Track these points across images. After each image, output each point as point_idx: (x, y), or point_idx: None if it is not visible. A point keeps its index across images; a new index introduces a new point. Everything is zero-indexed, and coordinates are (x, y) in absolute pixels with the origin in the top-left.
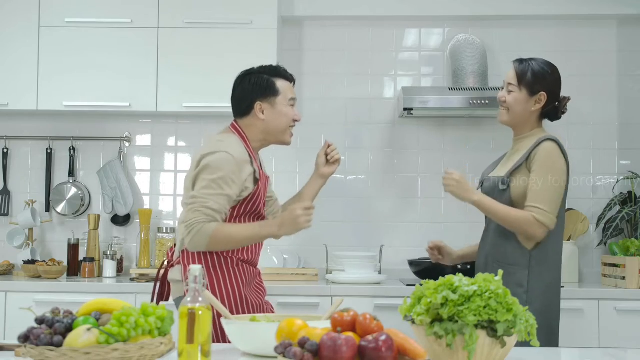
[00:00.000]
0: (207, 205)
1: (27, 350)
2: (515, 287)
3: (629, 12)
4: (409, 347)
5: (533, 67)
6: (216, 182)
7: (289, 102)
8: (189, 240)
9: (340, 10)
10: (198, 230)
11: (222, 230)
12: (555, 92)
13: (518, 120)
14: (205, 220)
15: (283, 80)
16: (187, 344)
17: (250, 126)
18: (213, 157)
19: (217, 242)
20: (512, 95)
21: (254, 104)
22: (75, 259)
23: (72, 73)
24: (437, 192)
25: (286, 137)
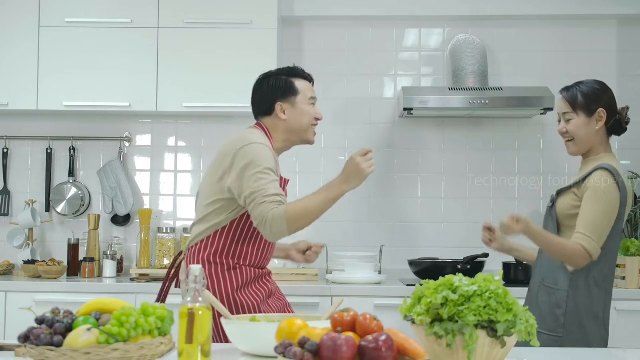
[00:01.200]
0: (268, 194)
1: (27, 350)
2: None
3: (629, 12)
4: (409, 347)
5: (581, 89)
6: (264, 172)
7: (309, 101)
8: (268, 233)
9: (340, 10)
10: (272, 219)
11: (293, 209)
12: (610, 104)
13: (586, 145)
14: (273, 206)
15: (302, 80)
16: (186, 344)
17: (273, 127)
18: (252, 149)
19: (294, 220)
20: (571, 123)
21: (274, 104)
22: (75, 259)
23: (72, 73)
24: (437, 192)
25: (309, 136)
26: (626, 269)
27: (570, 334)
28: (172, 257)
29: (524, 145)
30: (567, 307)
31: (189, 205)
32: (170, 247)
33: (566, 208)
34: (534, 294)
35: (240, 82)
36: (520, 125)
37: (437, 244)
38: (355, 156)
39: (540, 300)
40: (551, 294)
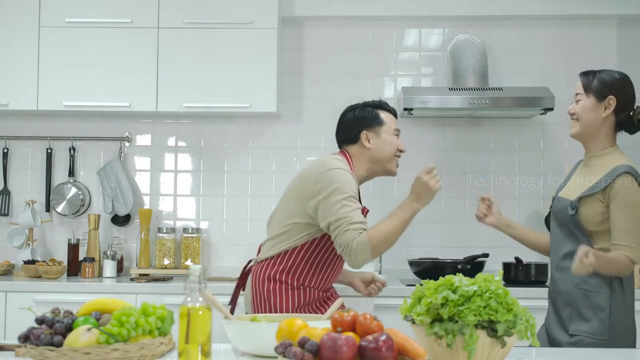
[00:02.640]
0: (353, 221)
1: (27, 350)
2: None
3: (629, 12)
4: (409, 347)
5: (599, 75)
6: (348, 200)
7: (393, 132)
8: (353, 260)
9: (340, 10)
10: (356, 247)
11: (375, 234)
12: (625, 96)
13: (589, 130)
14: (357, 234)
15: (386, 112)
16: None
17: (357, 155)
18: (337, 175)
19: (377, 246)
20: (580, 104)
21: (360, 133)
22: (75, 259)
23: (72, 73)
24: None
25: (392, 166)
26: None
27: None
28: (172, 257)
29: (524, 146)
30: (611, 309)
31: (189, 205)
32: (170, 247)
33: (593, 215)
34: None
35: (240, 82)
36: (520, 125)
37: (437, 244)
38: (421, 175)
39: (579, 305)
40: (591, 297)
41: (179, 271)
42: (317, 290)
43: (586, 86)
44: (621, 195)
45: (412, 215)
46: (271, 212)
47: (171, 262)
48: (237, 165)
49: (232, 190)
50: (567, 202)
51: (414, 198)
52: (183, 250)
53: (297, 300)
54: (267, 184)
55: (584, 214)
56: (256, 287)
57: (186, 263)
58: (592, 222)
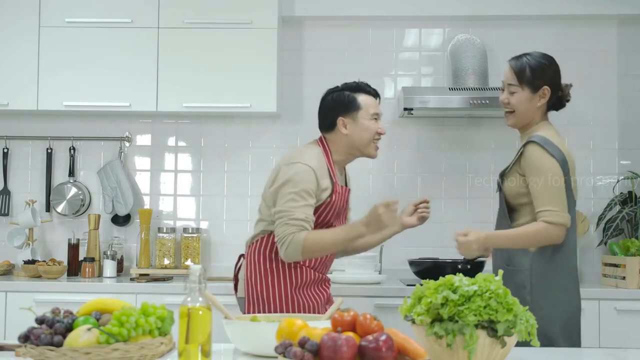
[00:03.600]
0: (295, 217)
1: (28, 350)
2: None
3: (629, 12)
4: (409, 347)
5: (530, 62)
6: (299, 194)
7: (371, 116)
8: (283, 253)
9: (340, 10)
10: (290, 242)
11: (312, 238)
12: (557, 83)
13: (525, 120)
14: (295, 230)
15: (365, 95)
16: (185, 343)
17: (334, 141)
18: (293, 169)
19: (309, 249)
20: (515, 96)
21: (336, 119)
22: (75, 259)
23: (72, 73)
24: (437, 192)
25: (371, 150)
26: (626, 269)
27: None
28: (172, 257)
29: None
30: (532, 287)
31: (189, 205)
32: (170, 247)
33: (515, 187)
34: None
35: (240, 82)
36: None
37: (437, 244)
38: (379, 206)
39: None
40: (515, 276)
41: (179, 271)
42: (313, 271)
43: (519, 76)
44: (529, 166)
45: (356, 237)
46: None
47: (171, 262)
48: (237, 165)
49: (232, 190)
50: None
51: (364, 222)
52: (183, 250)
53: (295, 279)
54: None
55: (506, 189)
56: (252, 267)
57: (186, 263)
58: (513, 195)
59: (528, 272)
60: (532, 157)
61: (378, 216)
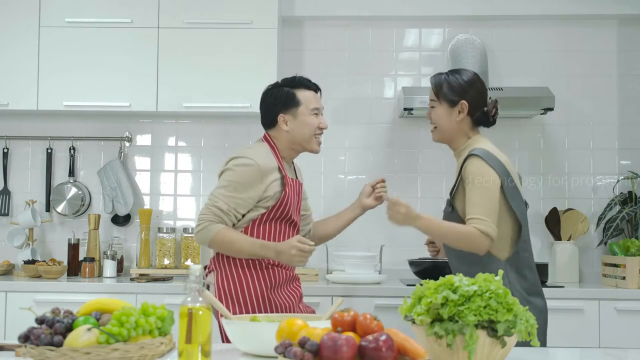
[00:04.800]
0: (217, 205)
1: (28, 350)
2: None
3: (629, 12)
4: (409, 347)
5: (448, 79)
6: (232, 185)
7: (311, 112)
8: (196, 233)
9: (340, 10)
10: (204, 227)
11: (224, 235)
12: (476, 98)
13: (448, 135)
14: (213, 220)
15: (305, 90)
16: (185, 344)
17: (277, 137)
18: (237, 161)
19: (216, 244)
20: (434, 111)
21: (277, 116)
22: (75, 259)
23: (73, 73)
24: (437, 192)
25: (313, 146)
26: (626, 269)
27: None
28: (172, 257)
29: (524, 145)
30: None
31: (189, 205)
32: (170, 247)
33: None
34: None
35: (240, 82)
36: (520, 125)
37: None
38: (295, 244)
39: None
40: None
41: (179, 271)
42: (284, 270)
43: (436, 92)
44: (469, 173)
45: (263, 256)
46: None
47: (171, 262)
48: None
49: None
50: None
51: (276, 250)
52: (183, 250)
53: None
54: None
55: (459, 207)
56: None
57: (186, 263)
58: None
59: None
60: (471, 167)
61: (289, 249)
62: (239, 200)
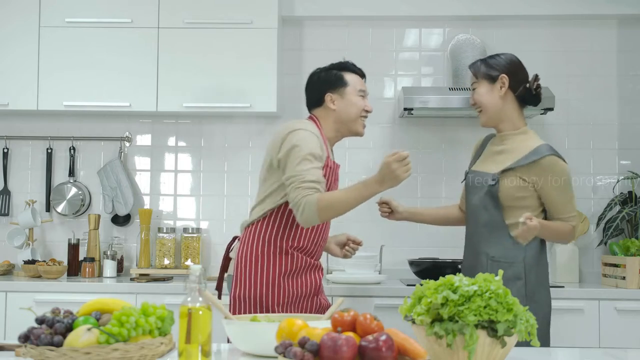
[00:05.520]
0: (306, 179)
1: (28, 350)
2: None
3: (629, 12)
4: (409, 347)
5: (485, 60)
6: (307, 157)
7: (358, 93)
8: (299, 218)
9: (340, 10)
10: (304, 205)
11: (325, 198)
12: (515, 71)
13: (494, 114)
14: (308, 193)
15: (352, 74)
16: (185, 343)
17: (323, 117)
18: (298, 135)
19: (325, 210)
20: (475, 92)
21: (324, 95)
22: (75, 259)
23: (73, 73)
24: (437, 192)
25: (358, 127)
26: (626, 269)
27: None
28: (172, 257)
29: None
30: (527, 278)
31: (189, 205)
32: (170, 247)
33: (513, 190)
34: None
35: (240, 82)
36: None
37: (437, 244)
38: (391, 161)
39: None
40: (506, 268)
41: (179, 271)
42: (305, 256)
43: (475, 73)
44: (553, 175)
45: (371, 195)
46: None
47: (171, 262)
48: (237, 165)
49: (232, 190)
50: (486, 174)
51: (378, 180)
52: (183, 250)
53: (284, 266)
54: None
55: (504, 188)
56: (245, 248)
57: (186, 263)
58: (509, 196)
59: (522, 264)
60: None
61: (392, 171)
62: (319, 168)
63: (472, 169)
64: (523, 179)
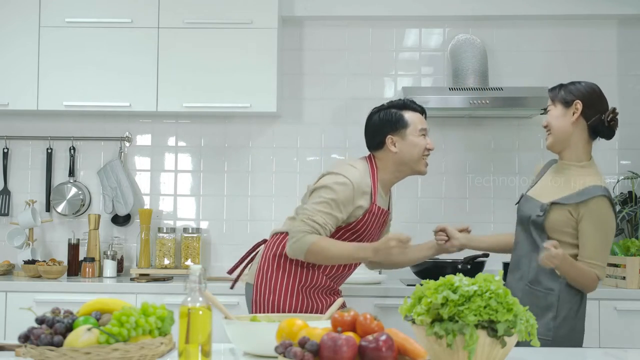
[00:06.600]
0: (314, 219)
1: (28, 350)
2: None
3: (629, 12)
4: (409, 347)
5: (566, 85)
6: (329, 202)
7: (419, 132)
8: (289, 247)
9: (340, 10)
10: (299, 239)
11: (319, 244)
12: (591, 100)
13: (561, 139)
14: (308, 231)
15: (412, 112)
16: (185, 343)
17: (383, 159)
18: (334, 178)
19: (313, 254)
20: (549, 113)
21: (385, 137)
22: (75, 259)
23: (73, 73)
24: (437, 192)
25: (421, 167)
26: (626, 269)
27: (559, 338)
28: (172, 257)
29: (524, 145)
30: (559, 310)
31: (189, 205)
32: (170, 247)
33: (559, 224)
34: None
35: (241, 82)
36: (520, 125)
37: None
38: (392, 239)
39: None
40: (540, 297)
41: (179, 271)
42: (326, 278)
43: (553, 97)
44: (596, 216)
45: (362, 259)
46: None
47: (171, 262)
48: (237, 165)
49: (232, 190)
50: (537, 203)
51: (374, 249)
52: (183, 250)
53: (304, 278)
54: (267, 184)
55: (551, 220)
56: (267, 257)
57: (186, 263)
58: (556, 229)
59: (556, 297)
60: (601, 211)
61: (389, 248)
62: (335, 218)
63: (526, 194)
64: (571, 213)
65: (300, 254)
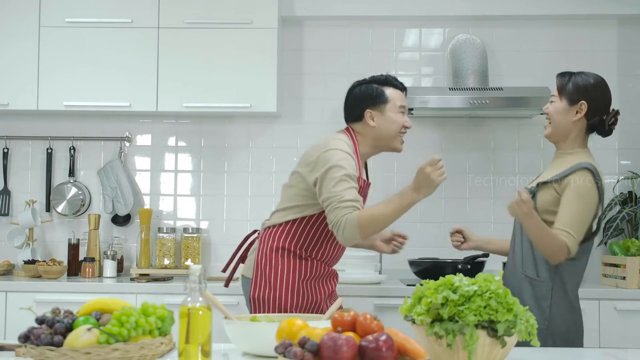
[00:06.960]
0: (344, 199)
1: (28, 350)
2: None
3: (629, 12)
4: (409, 347)
5: (575, 78)
6: (344, 179)
7: (398, 109)
8: (340, 237)
9: (340, 10)
10: (345, 224)
11: (365, 215)
12: (597, 103)
13: (560, 132)
14: (347, 212)
15: (393, 89)
16: (185, 343)
17: (361, 132)
18: (335, 155)
19: (366, 226)
20: (552, 105)
21: (364, 111)
22: (75, 259)
23: (73, 73)
24: (438, 192)
25: (396, 144)
26: (626, 269)
27: (554, 326)
28: (172, 257)
29: (524, 145)
30: (552, 299)
31: (189, 205)
32: (170, 247)
33: (547, 203)
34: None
35: (240, 82)
36: (520, 125)
37: (437, 244)
38: (425, 167)
39: (523, 292)
40: (535, 285)
41: (179, 271)
42: (323, 264)
43: (560, 88)
44: (576, 188)
45: (410, 205)
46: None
47: (171, 262)
48: (237, 165)
49: (232, 190)
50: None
51: (414, 188)
52: (183, 250)
53: (303, 271)
54: (267, 184)
55: (539, 200)
56: (263, 252)
57: (186, 263)
58: (544, 209)
59: (550, 284)
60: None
61: (427, 176)
62: (355, 188)
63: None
64: (556, 190)
65: (355, 236)
